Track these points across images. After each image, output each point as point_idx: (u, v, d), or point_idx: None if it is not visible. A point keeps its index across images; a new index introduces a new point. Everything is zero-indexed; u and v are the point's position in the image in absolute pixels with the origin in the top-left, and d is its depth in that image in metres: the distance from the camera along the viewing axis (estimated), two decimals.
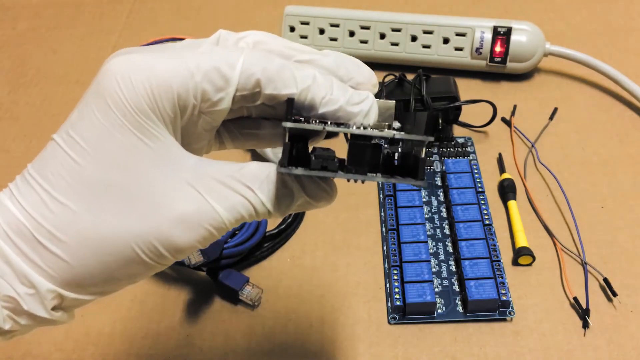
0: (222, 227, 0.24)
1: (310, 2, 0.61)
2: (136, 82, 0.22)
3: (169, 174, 0.23)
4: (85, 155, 0.23)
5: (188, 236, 0.23)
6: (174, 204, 0.23)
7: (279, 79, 0.24)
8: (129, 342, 0.41)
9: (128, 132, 0.23)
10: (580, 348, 0.39)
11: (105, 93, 0.23)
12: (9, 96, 0.61)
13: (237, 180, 0.24)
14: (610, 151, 0.51)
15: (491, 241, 0.43)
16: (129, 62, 0.23)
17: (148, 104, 0.23)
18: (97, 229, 0.22)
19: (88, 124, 0.23)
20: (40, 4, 0.72)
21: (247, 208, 0.24)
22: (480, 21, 0.56)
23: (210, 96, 0.23)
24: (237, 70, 0.23)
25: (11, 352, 0.41)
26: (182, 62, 0.23)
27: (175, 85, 0.23)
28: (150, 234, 0.23)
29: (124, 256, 0.23)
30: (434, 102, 0.50)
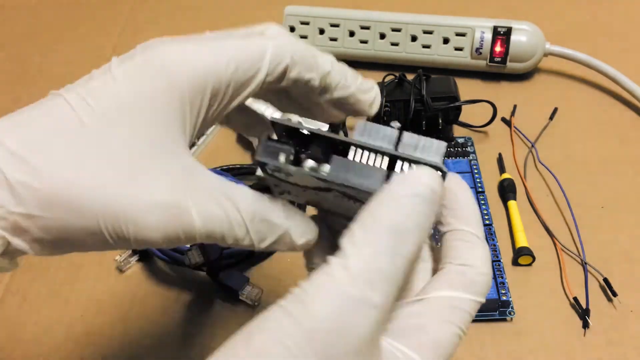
0: (191, 234, 0.23)
1: (310, 2, 0.61)
2: (177, 72, 0.23)
3: (163, 163, 0.23)
4: (94, 120, 0.22)
5: (154, 226, 0.22)
6: (154, 190, 0.22)
7: (303, 63, 0.25)
8: (129, 342, 0.41)
9: (147, 114, 0.22)
10: (580, 348, 0.39)
11: (143, 72, 0.23)
12: (9, 96, 0.61)
13: (224, 194, 0.23)
14: (610, 151, 0.51)
15: (491, 241, 0.43)
16: (173, 50, 0.23)
17: (180, 96, 0.23)
18: (71, 186, 0.21)
19: (112, 92, 0.23)
20: (40, 4, 0.72)
21: (224, 225, 0.23)
22: (480, 21, 0.56)
23: (241, 85, 0.24)
24: (267, 59, 0.24)
25: (11, 352, 0.41)
26: (219, 55, 0.23)
27: (211, 78, 0.23)
28: (119, 209, 0.22)
29: (85, 223, 0.22)
30: (434, 102, 0.50)
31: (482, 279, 0.23)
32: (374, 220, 0.20)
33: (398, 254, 0.20)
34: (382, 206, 0.20)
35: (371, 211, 0.20)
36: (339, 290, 0.19)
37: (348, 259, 0.20)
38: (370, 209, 0.21)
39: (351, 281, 0.19)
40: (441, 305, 0.22)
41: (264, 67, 0.24)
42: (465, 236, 0.24)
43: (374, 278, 0.19)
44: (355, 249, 0.20)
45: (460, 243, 0.24)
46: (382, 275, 0.20)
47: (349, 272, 0.19)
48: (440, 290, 0.22)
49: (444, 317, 0.22)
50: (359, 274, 0.19)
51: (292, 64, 0.25)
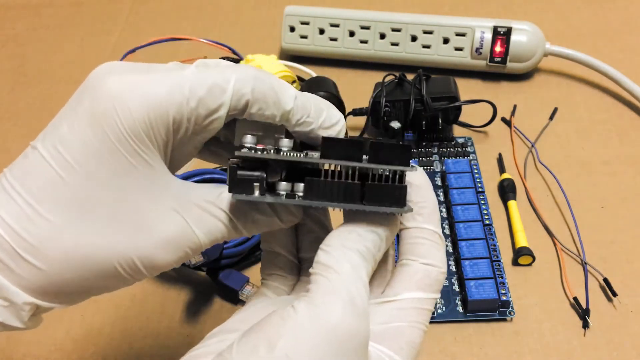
0: (198, 249, 0.25)
1: (310, 2, 0.61)
2: (134, 108, 0.23)
3: (155, 198, 0.24)
4: (75, 174, 0.23)
5: (169, 257, 0.24)
6: (159, 227, 0.24)
7: (264, 99, 0.25)
8: (129, 342, 0.41)
9: (121, 157, 0.23)
10: (580, 348, 0.39)
11: (101, 116, 0.23)
12: (9, 96, 0.61)
13: (216, 206, 0.25)
14: (610, 151, 0.51)
15: (491, 241, 0.43)
16: (125, 85, 0.23)
17: (144, 130, 0.23)
18: (80, 246, 0.23)
19: (80, 143, 0.23)
20: (40, 4, 0.72)
21: (222, 231, 0.25)
22: (480, 21, 0.56)
23: (204, 119, 0.24)
24: (229, 93, 0.24)
25: (11, 352, 0.41)
26: (177, 87, 0.23)
27: (172, 111, 0.23)
28: (133, 254, 0.23)
29: (103, 272, 0.23)
30: (434, 102, 0.50)
31: (442, 278, 0.26)
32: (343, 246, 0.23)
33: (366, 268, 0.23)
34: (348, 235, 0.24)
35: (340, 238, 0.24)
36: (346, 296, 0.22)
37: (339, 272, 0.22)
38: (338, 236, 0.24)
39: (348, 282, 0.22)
40: (412, 308, 0.25)
41: (226, 101, 0.24)
42: (430, 235, 0.26)
43: (358, 281, 0.22)
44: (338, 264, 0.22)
45: (425, 242, 0.26)
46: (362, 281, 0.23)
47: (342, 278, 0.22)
48: (411, 292, 0.25)
49: (415, 318, 0.24)
50: (349, 278, 0.22)
51: (253, 100, 0.25)
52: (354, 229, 0.24)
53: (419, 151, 0.51)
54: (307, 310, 0.21)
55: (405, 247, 0.26)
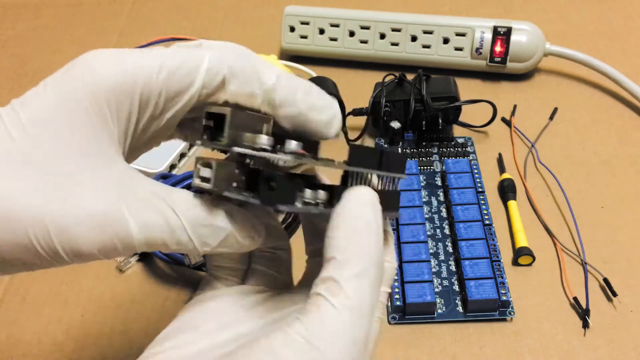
0: (128, 243, 0.22)
1: (310, 2, 0.61)
2: (101, 74, 0.22)
3: (94, 171, 0.22)
4: (22, 133, 0.22)
5: (88, 238, 0.22)
6: (86, 199, 0.22)
7: (242, 75, 0.23)
8: (129, 342, 0.41)
9: (73, 122, 0.22)
10: (580, 348, 0.39)
11: (67, 81, 0.22)
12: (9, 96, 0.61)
13: (162, 199, 0.22)
14: (610, 151, 0.51)
15: (491, 241, 0.43)
16: (101, 55, 0.23)
17: (106, 99, 0.22)
18: (0, 199, 0.21)
19: (37, 105, 0.22)
20: (40, 4, 0.72)
21: (164, 231, 0.22)
22: (480, 21, 0.56)
23: (176, 96, 0.23)
24: (203, 68, 0.23)
25: (11, 351, 0.41)
26: (149, 59, 0.22)
27: (140, 81, 0.22)
28: (49, 220, 0.21)
29: (16, 238, 0.21)
30: (434, 102, 0.50)
31: (393, 272, 0.26)
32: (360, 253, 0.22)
33: (380, 280, 0.23)
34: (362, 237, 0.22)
35: (354, 242, 0.22)
36: (349, 335, 0.21)
37: (350, 300, 0.21)
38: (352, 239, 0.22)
39: (357, 322, 0.21)
40: None
41: (199, 77, 0.23)
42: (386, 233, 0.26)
43: (371, 312, 0.22)
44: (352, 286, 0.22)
45: None
46: (373, 305, 0.22)
47: (352, 312, 0.21)
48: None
49: (377, 313, 0.25)
50: (360, 312, 0.21)
51: (230, 76, 0.23)
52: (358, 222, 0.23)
53: (419, 151, 0.51)
54: (303, 353, 0.20)
55: None
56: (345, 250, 0.22)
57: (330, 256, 0.22)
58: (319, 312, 0.21)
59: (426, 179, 0.49)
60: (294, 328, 0.21)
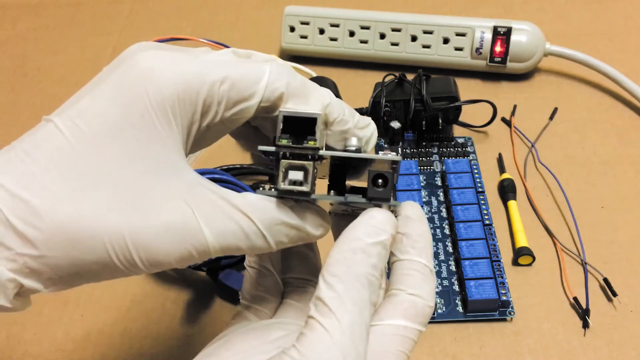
0: (205, 251, 0.23)
1: (310, 2, 0.61)
2: (164, 82, 0.22)
3: (166, 183, 0.22)
4: (86, 143, 0.21)
5: (166, 250, 0.22)
6: (161, 212, 0.22)
7: (300, 94, 0.24)
8: (129, 342, 0.41)
9: (139, 132, 0.22)
10: (580, 348, 0.39)
11: (128, 88, 0.22)
12: (9, 96, 0.61)
13: (233, 205, 0.23)
14: (610, 151, 0.51)
15: (491, 241, 0.43)
16: (159, 60, 0.22)
17: (171, 107, 0.22)
18: (74, 219, 0.21)
19: (98, 113, 0.22)
20: (40, 4, 0.72)
21: (239, 237, 0.23)
22: (480, 21, 0.56)
23: (235, 106, 0.23)
24: (264, 83, 0.23)
25: (11, 352, 0.41)
26: (212, 66, 0.23)
27: (203, 90, 0.22)
28: (126, 234, 0.21)
29: (95, 255, 0.21)
30: (434, 102, 0.50)
31: (429, 312, 0.25)
32: (349, 273, 0.22)
33: (372, 303, 0.22)
34: (354, 257, 0.22)
35: (345, 263, 0.22)
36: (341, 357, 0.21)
37: (340, 321, 0.21)
38: (343, 259, 0.22)
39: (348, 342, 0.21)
40: (396, 335, 0.24)
41: (259, 90, 0.23)
42: (421, 268, 0.25)
43: (361, 331, 0.22)
44: (342, 307, 0.21)
45: (416, 274, 0.25)
46: (366, 326, 0.22)
47: (342, 333, 0.21)
48: (396, 319, 0.24)
49: (399, 347, 0.24)
50: (351, 332, 0.21)
51: (288, 93, 0.24)
52: (357, 244, 0.23)
53: (419, 151, 0.51)
54: None
55: (395, 277, 0.25)
56: (335, 271, 0.22)
57: (322, 276, 0.22)
58: (311, 335, 0.21)
59: (426, 179, 0.49)
60: (289, 352, 0.21)
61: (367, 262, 0.22)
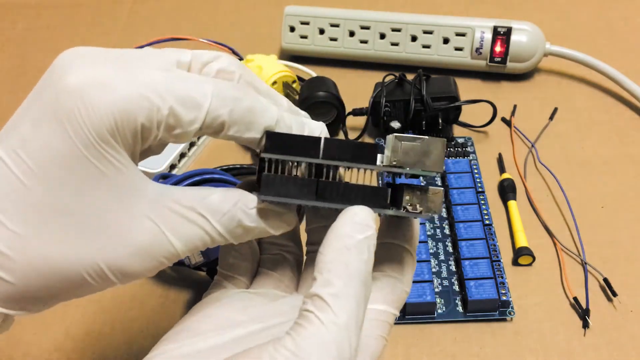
0: (174, 258, 0.24)
1: (310, 2, 0.61)
2: (99, 108, 0.21)
3: (126, 205, 0.22)
4: (37, 181, 0.21)
5: (141, 266, 0.23)
6: (130, 235, 0.22)
7: (242, 123, 0.24)
8: (129, 342, 0.41)
9: (86, 161, 0.21)
10: (580, 348, 0.39)
11: (65, 117, 0.21)
12: (9, 96, 0.61)
13: (196, 212, 0.23)
14: (610, 151, 0.51)
15: (491, 241, 0.43)
16: (90, 80, 0.22)
17: (110, 133, 0.21)
18: (45, 256, 0.22)
19: (42, 146, 0.21)
20: (40, 4, 0.72)
21: (203, 239, 0.24)
22: (480, 21, 0.56)
23: (174, 129, 0.23)
24: (204, 110, 0.23)
25: (11, 352, 0.41)
26: (149, 90, 0.22)
27: (141, 116, 0.22)
28: (101, 262, 0.22)
29: (71, 281, 0.22)
30: (434, 102, 0.50)
31: (405, 297, 0.26)
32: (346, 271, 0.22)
33: (367, 298, 0.23)
34: (349, 253, 0.23)
35: (341, 260, 0.22)
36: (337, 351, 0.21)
37: (337, 316, 0.22)
38: (339, 257, 0.22)
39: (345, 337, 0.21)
40: (377, 320, 0.25)
41: (199, 117, 0.23)
42: (405, 254, 0.26)
43: (356, 327, 0.22)
44: (339, 303, 0.22)
45: (398, 257, 0.26)
46: (360, 322, 0.22)
47: (339, 327, 0.21)
48: (377, 304, 0.25)
49: (379, 332, 0.25)
50: (347, 328, 0.22)
51: (231, 122, 0.23)
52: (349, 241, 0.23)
53: None
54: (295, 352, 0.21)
55: (378, 258, 0.25)
56: (332, 268, 0.22)
57: (319, 273, 0.22)
58: (308, 327, 0.21)
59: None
60: (283, 342, 0.21)
61: (361, 258, 0.23)
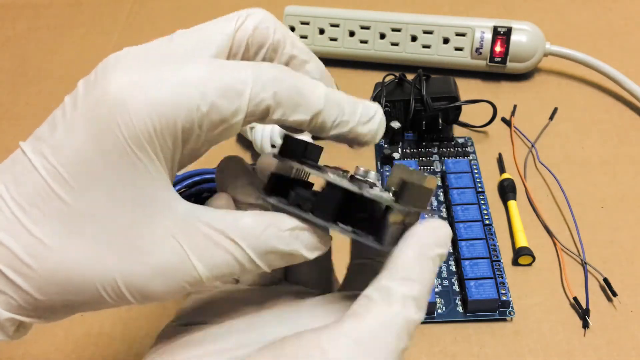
0: (198, 284, 0.22)
1: (310, 2, 0.61)
2: (137, 117, 0.20)
3: (154, 221, 0.21)
4: (66, 187, 0.21)
5: (159, 288, 0.22)
6: (152, 254, 0.21)
7: (288, 105, 0.22)
8: (129, 342, 0.41)
9: (120, 172, 0.21)
10: (580, 348, 0.39)
11: (99, 122, 0.20)
12: (9, 96, 0.61)
13: (227, 237, 0.22)
14: (610, 151, 0.51)
15: (491, 241, 0.43)
16: (130, 87, 0.20)
17: (147, 140, 0.20)
18: (64, 266, 0.21)
19: (73, 152, 0.20)
20: (40, 4, 0.72)
21: (232, 266, 0.22)
22: (480, 21, 0.56)
23: (217, 127, 0.22)
24: (246, 97, 0.21)
25: (11, 352, 0.41)
26: (187, 89, 0.21)
27: (180, 120, 0.21)
28: (119, 280, 0.21)
29: (87, 294, 0.22)
30: (434, 102, 0.50)
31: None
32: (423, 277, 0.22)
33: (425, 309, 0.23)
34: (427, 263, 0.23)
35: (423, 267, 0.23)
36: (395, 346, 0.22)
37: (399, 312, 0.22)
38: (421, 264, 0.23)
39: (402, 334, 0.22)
40: None
41: (242, 107, 0.21)
42: None
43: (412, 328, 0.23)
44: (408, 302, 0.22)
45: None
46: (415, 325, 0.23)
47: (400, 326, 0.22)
48: None
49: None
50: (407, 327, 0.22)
51: (276, 105, 0.22)
52: (429, 252, 0.23)
53: (419, 151, 0.51)
54: (351, 346, 0.21)
55: None
56: (412, 270, 0.22)
57: (394, 269, 0.22)
58: (370, 316, 0.21)
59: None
60: (344, 328, 0.21)
61: (434, 270, 0.23)
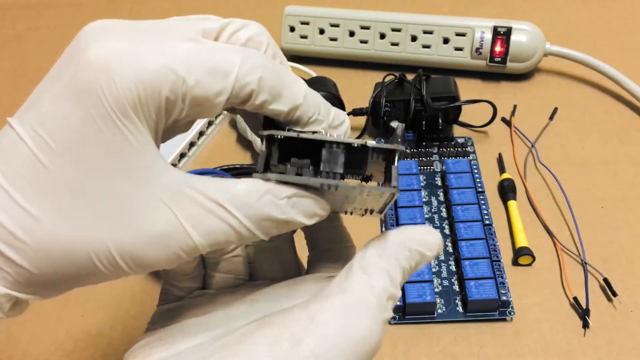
0: (194, 252, 0.22)
1: (310, 2, 0.61)
2: (121, 81, 0.20)
3: (144, 189, 0.21)
4: (55, 158, 0.20)
5: (154, 256, 0.22)
6: (144, 222, 0.21)
7: (271, 93, 0.23)
8: (129, 342, 0.41)
9: (106, 139, 0.21)
10: (580, 348, 0.39)
11: (85, 91, 0.20)
12: (9, 96, 0.61)
13: (219, 205, 0.22)
14: (610, 151, 0.51)
15: (491, 241, 0.43)
16: (113, 54, 0.20)
17: (132, 107, 0.20)
18: (57, 239, 0.21)
19: (61, 123, 0.20)
20: (40, 4, 0.72)
21: (228, 234, 0.22)
22: (480, 21, 0.56)
23: (201, 102, 0.22)
24: (232, 79, 0.22)
25: (11, 351, 0.41)
26: (174, 61, 0.21)
27: (165, 90, 0.21)
28: (112, 247, 0.21)
29: (82, 266, 0.21)
30: (434, 102, 0.50)
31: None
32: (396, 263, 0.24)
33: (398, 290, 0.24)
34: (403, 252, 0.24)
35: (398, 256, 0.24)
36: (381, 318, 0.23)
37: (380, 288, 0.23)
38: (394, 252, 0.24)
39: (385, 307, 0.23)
40: None
41: (227, 87, 0.22)
42: None
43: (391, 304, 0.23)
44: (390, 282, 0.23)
45: None
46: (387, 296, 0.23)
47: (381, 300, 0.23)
48: None
49: None
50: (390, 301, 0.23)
51: (259, 90, 0.22)
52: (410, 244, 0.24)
53: (419, 151, 0.51)
54: (339, 312, 0.22)
55: None
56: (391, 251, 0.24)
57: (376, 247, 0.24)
58: (353, 286, 0.23)
59: (426, 179, 0.49)
60: (329, 298, 0.22)
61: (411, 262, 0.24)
